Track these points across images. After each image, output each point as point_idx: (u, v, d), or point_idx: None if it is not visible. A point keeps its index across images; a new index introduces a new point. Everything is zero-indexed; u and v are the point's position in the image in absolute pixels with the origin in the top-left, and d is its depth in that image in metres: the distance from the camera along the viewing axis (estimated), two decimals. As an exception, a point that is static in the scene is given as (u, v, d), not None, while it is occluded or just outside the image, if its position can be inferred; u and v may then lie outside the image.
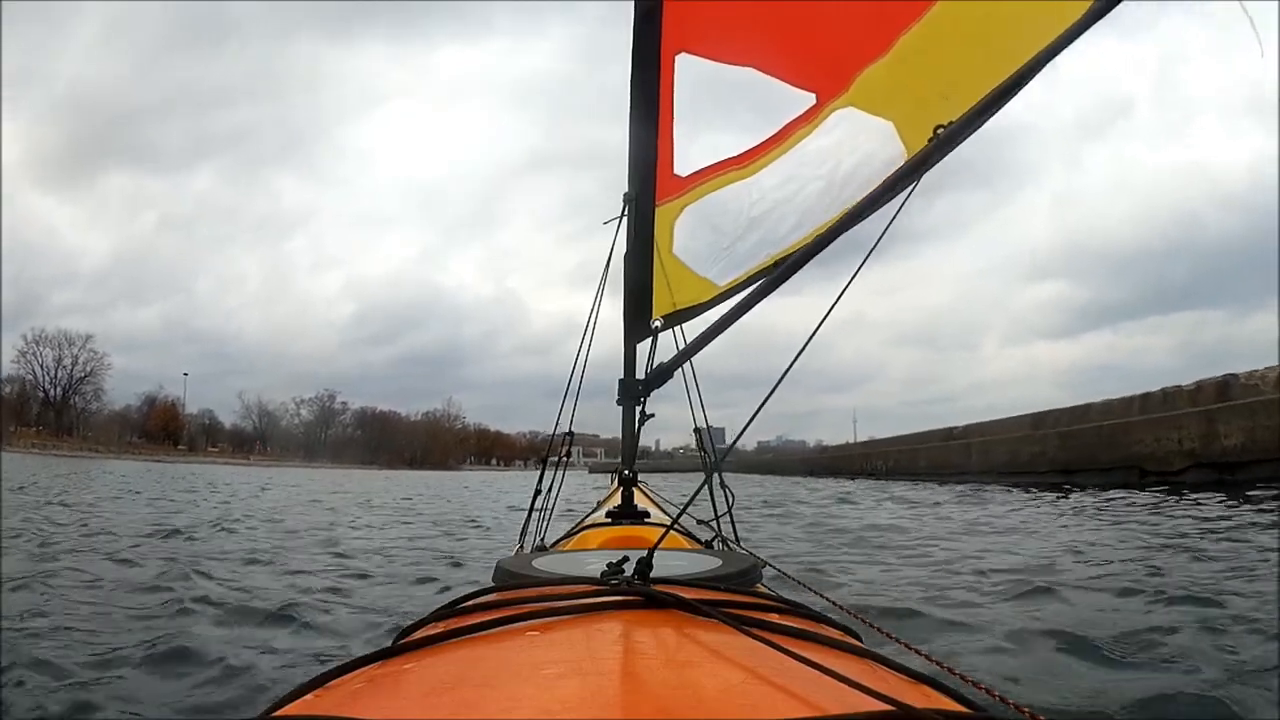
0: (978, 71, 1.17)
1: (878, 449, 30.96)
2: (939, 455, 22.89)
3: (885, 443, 31.62)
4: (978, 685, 0.75)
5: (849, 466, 31.47)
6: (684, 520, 1.63)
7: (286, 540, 6.43)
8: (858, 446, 37.71)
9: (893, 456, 27.32)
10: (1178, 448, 12.70)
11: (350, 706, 0.61)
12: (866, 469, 28.81)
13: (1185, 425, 12.75)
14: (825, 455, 41.04)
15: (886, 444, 30.89)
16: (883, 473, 26.56)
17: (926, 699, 0.65)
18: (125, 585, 3.76)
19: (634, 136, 1.82)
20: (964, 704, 0.66)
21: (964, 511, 9.16)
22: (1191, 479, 11.79)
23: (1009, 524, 7.28)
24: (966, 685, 0.75)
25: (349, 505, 12.39)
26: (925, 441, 25.56)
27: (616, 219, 1.95)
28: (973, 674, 0.77)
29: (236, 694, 2.12)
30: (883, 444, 31.86)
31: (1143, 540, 5.36)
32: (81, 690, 2.07)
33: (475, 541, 6.72)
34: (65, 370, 67.06)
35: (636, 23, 1.72)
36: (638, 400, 1.82)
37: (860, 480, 23.64)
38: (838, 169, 1.50)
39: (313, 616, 3.09)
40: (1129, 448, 13.82)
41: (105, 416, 71.51)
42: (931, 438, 25.51)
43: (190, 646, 2.50)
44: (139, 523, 7.37)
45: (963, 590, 3.65)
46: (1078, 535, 5.98)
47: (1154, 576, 3.77)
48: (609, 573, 0.92)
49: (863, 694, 0.55)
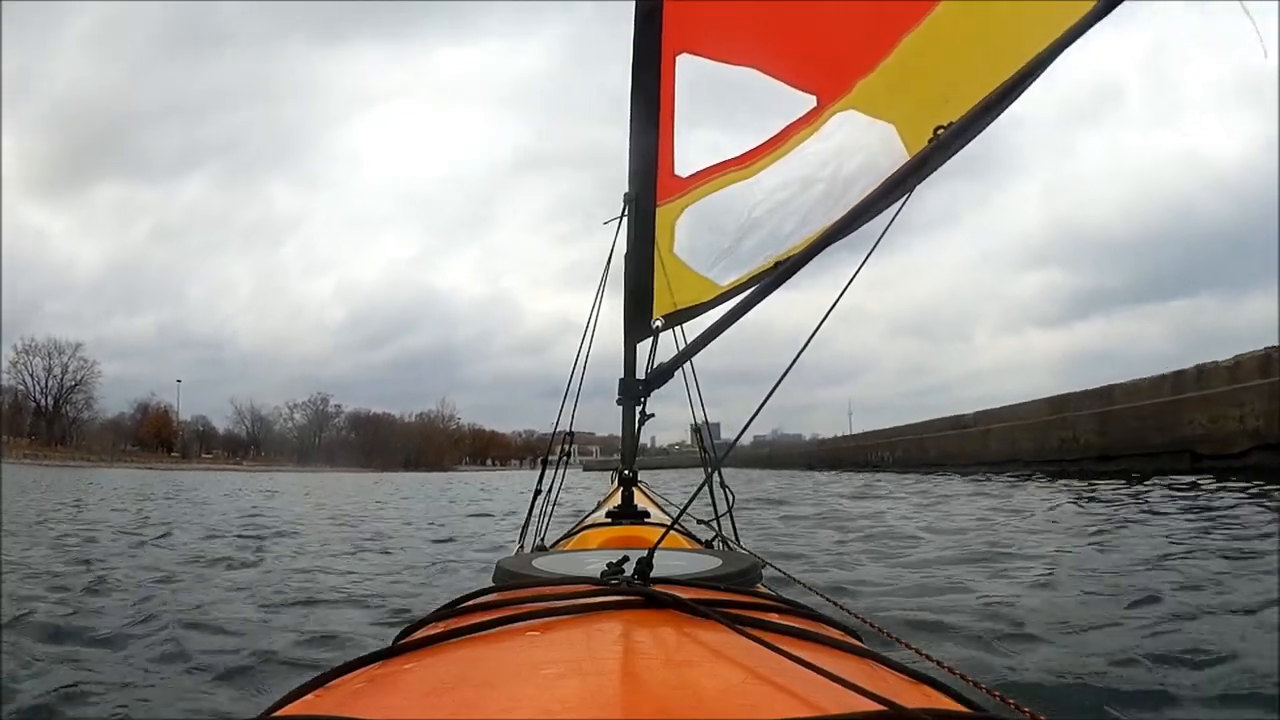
0: (979, 74, 1.17)
1: (880, 439, 29.91)
2: (952, 444, 21.81)
3: (887, 433, 30.18)
4: (977, 685, 0.75)
5: (853, 458, 30.72)
6: (684, 520, 1.63)
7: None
8: (858, 438, 36.83)
9: (899, 447, 26.37)
10: (1240, 427, 11.29)
11: (350, 706, 0.61)
12: (872, 460, 28.01)
13: (1248, 401, 11.19)
14: (824, 448, 40.44)
15: (889, 435, 29.66)
16: (889, 464, 25.79)
17: (926, 699, 0.65)
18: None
19: (634, 137, 1.82)
20: (964, 704, 0.66)
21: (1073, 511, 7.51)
22: (1255, 461, 10.56)
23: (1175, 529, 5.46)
24: (966, 685, 0.75)
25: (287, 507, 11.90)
26: (931, 430, 24.56)
27: (617, 219, 1.95)
28: (972, 674, 0.78)
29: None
30: (884, 435, 30.53)
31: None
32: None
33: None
34: (55, 379, 66.59)
35: (637, 22, 1.72)
36: (638, 400, 1.82)
37: (867, 473, 22.37)
38: (839, 172, 1.50)
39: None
40: (1178, 429, 12.44)
41: (99, 425, 71.17)
42: (934, 427, 24.65)
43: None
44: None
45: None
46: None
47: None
48: (609, 573, 0.92)
49: (862, 694, 0.55)
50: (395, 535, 7.57)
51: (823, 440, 48.91)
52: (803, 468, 34.85)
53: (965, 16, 1.30)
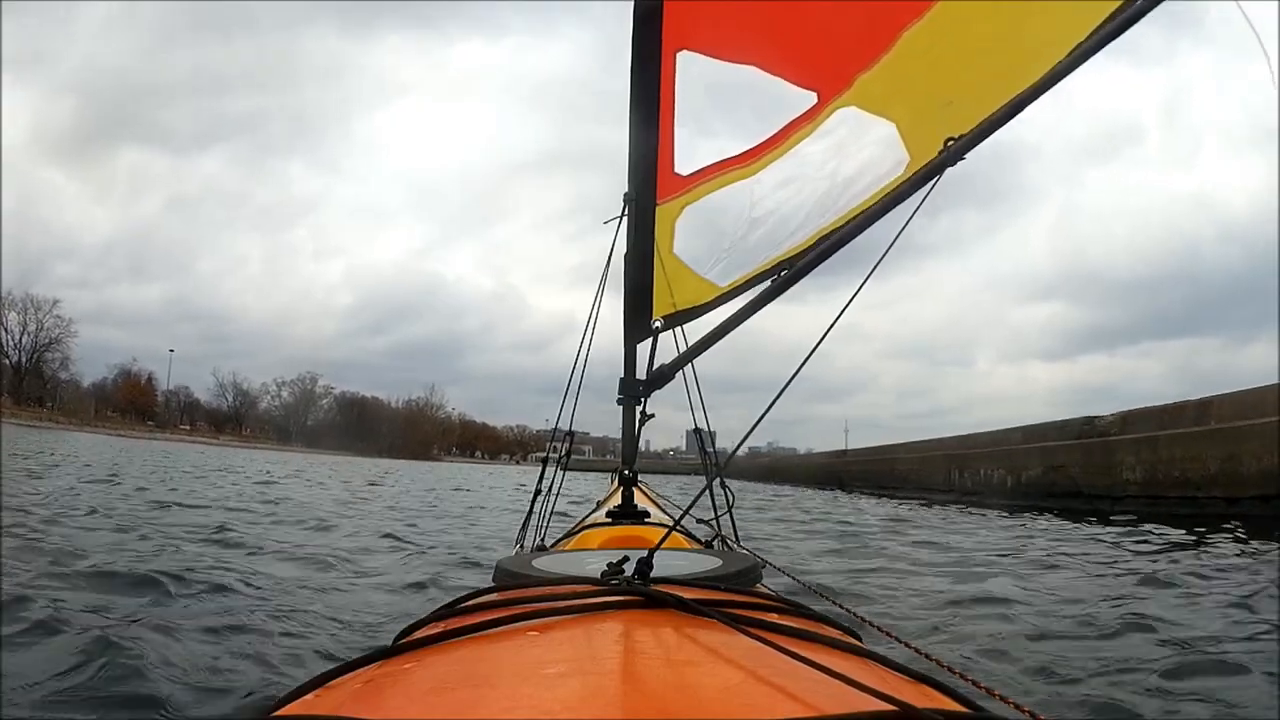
0: (980, 72, 1.18)
1: (970, 448, 18.71)
2: (1083, 460, 12.81)
3: (979, 439, 19.11)
4: (977, 685, 0.76)
5: (881, 477, 21.82)
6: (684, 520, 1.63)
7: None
8: (898, 449, 24.49)
9: (970, 463, 17.23)
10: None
11: (350, 706, 0.61)
12: (942, 481, 17.74)
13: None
14: (843, 460, 30.32)
15: (979, 442, 18.80)
16: (961, 488, 16.60)
17: (926, 699, 0.65)
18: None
19: (634, 135, 1.82)
20: (963, 703, 0.66)
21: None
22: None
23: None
24: (966, 684, 0.75)
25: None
26: (1058, 434, 14.86)
27: (616, 219, 1.95)
28: (972, 673, 0.78)
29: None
30: (973, 442, 19.31)
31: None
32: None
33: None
34: (30, 336, 63.61)
35: (636, 19, 1.71)
36: (638, 400, 1.82)
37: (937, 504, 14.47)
38: (839, 170, 1.50)
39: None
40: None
41: (83, 390, 69.54)
42: (1041, 432, 15.53)
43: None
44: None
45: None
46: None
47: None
48: (609, 573, 0.92)
49: (862, 693, 0.55)
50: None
51: (843, 451, 34.31)
52: (814, 484, 27.42)
53: (966, 17, 1.30)
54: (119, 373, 74.07)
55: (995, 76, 1.15)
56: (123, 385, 73.68)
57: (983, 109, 1.15)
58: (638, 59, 1.74)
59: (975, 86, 1.20)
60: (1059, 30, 1.09)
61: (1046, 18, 1.15)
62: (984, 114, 1.15)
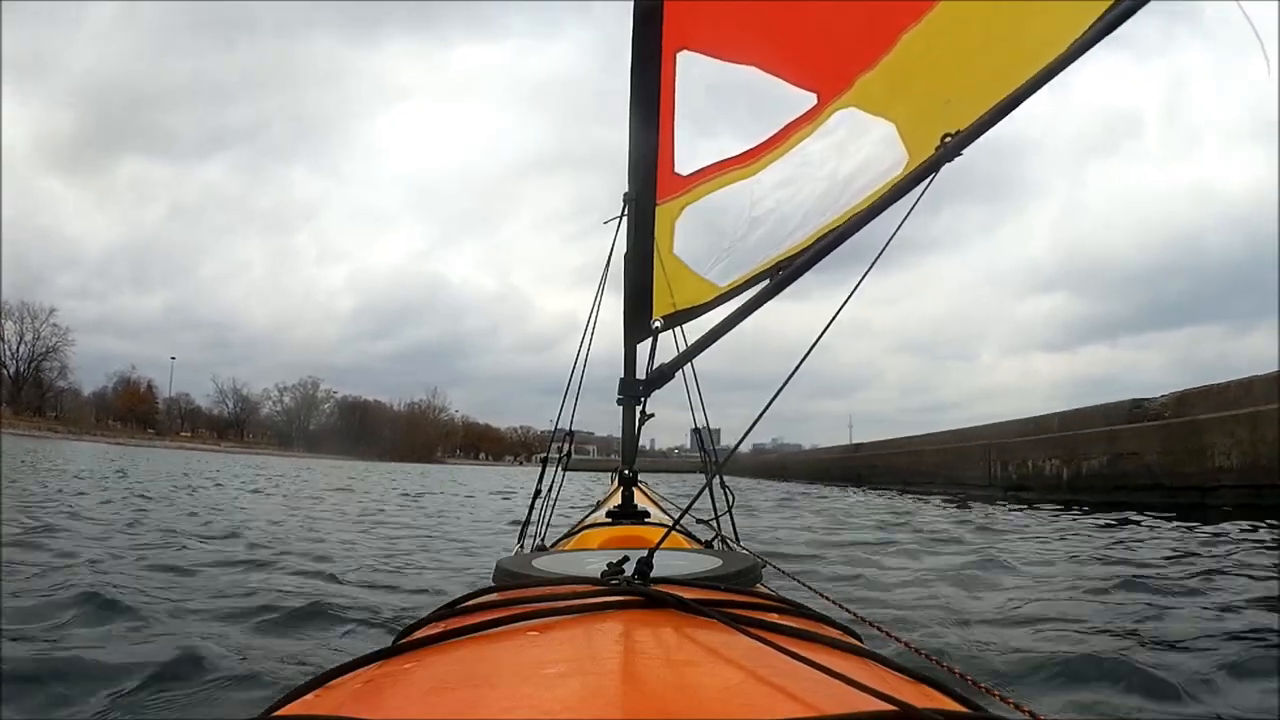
0: (979, 76, 1.18)
1: (972, 440, 17.00)
2: (1161, 446, 10.60)
3: (1042, 422, 15.46)
4: (977, 685, 0.75)
5: (904, 471, 19.26)
6: (684, 520, 1.63)
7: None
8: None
9: (1014, 453, 14.58)
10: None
11: (350, 706, 0.61)
12: (980, 474, 15.19)
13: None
14: (858, 454, 26.71)
15: (1038, 425, 15.46)
16: (1005, 482, 14.33)
17: (926, 699, 0.65)
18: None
19: (634, 134, 1.82)
20: (963, 704, 0.66)
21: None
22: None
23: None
24: (966, 685, 0.75)
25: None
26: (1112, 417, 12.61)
27: (616, 219, 1.95)
28: (972, 673, 0.78)
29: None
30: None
31: None
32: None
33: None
34: (27, 346, 64.25)
35: (636, 19, 1.71)
36: (638, 400, 1.82)
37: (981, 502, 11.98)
38: (839, 170, 1.50)
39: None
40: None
41: (83, 399, 69.82)
42: (1096, 415, 13.24)
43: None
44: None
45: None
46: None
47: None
48: (609, 573, 0.92)
49: (862, 693, 0.55)
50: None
51: (859, 445, 29.47)
52: (827, 481, 25.00)
53: (965, 17, 1.30)
54: (118, 381, 74.47)
55: (993, 75, 1.15)
56: (122, 393, 73.91)
57: (980, 106, 1.15)
58: (638, 59, 1.74)
59: (973, 85, 1.20)
60: (1058, 28, 1.09)
61: (1046, 16, 1.15)
62: (981, 110, 1.15)
